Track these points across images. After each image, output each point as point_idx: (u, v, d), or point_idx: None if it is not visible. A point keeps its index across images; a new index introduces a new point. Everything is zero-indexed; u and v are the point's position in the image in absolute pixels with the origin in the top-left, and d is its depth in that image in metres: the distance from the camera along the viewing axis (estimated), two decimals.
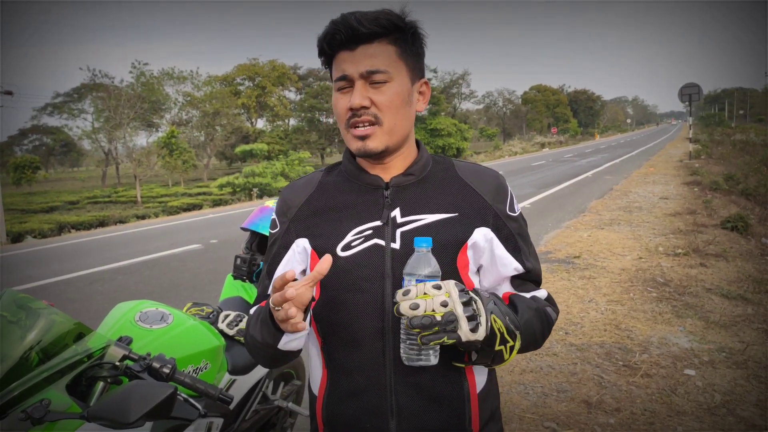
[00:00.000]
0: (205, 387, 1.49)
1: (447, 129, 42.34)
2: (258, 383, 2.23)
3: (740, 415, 3.06)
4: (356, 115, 1.08)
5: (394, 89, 1.09)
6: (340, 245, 1.12)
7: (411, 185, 1.16)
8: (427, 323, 0.93)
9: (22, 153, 52.54)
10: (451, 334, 0.95)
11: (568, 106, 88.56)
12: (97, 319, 1.79)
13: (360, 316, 1.10)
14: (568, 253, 7.14)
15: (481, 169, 1.22)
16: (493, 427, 1.19)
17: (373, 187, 1.16)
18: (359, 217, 1.14)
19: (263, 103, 48.16)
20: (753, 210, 10.01)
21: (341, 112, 1.11)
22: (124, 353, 1.46)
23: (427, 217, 1.13)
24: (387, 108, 1.08)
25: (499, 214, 1.17)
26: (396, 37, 1.09)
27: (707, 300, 5.02)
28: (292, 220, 1.19)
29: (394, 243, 1.11)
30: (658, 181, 15.73)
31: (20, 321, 1.42)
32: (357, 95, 1.07)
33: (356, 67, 1.07)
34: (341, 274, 1.11)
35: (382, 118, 1.08)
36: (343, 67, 1.08)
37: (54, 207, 28.18)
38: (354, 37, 1.06)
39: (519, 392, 3.43)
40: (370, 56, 1.07)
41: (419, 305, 0.94)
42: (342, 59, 1.09)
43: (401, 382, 1.10)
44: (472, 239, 1.13)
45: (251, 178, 24.54)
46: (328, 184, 1.21)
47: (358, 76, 1.07)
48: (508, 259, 1.17)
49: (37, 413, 1.20)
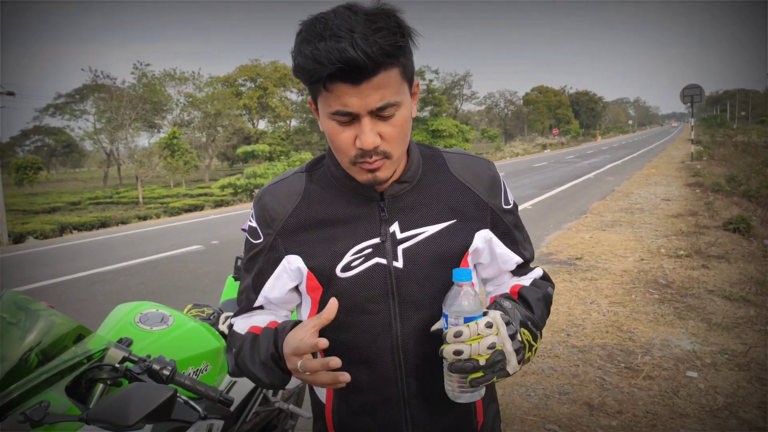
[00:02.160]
0: (206, 389, 1.48)
1: (448, 130, 42.38)
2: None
3: (743, 418, 3.04)
4: (366, 155, 0.97)
5: (403, 116, 0.98)
6: (339, 266, 1.07)
7: (406, 194, 1.09)
8: (468, 368, 0.92)
9: (24, 153, 52.67)
10: (500, 372, 0.94)
11: (569, 107, 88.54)
12: (98, 320, 1.78)
13: (369, 338, 1.07)
14: (570, 255, 7.13)
15: (472, 160, 1.16)
16: (494, 407, 1.21)
17: (367, 198, 1.08)
18: (356, 234, 1.07)
19: (265, 104, 48.17)
20: (755, 211, 9.99)
21: (344, 147, 0.98)
22: (124, 355, 1.45)
23: (427, 230, 1.08)
24: (396, 140, 0.98)
25: (495, 210, 1.14)
26: (399, 56, 0.94)
27: (709, 302, 5.01)
28: (278, 233, 1.10)
29: (396, 261, 1.07)
30: (659, 183, 15.71)
31: (20, 322, 1.42)
32: (369, 135, 0.94)
33: (364, 103, 0.92)
34: (344, 296, 1.06)
35: (392, 151, 0.99)
36: (345, 102, 0.93)
37: (56, 208, 28.21)
38: (356, 71, 0.89)
39: (520, 394, 3.42)
40: (377, 88, 0.92)
41: (463, 351, 0.91)
42: (342, 92, 0.92)
43: (414, 395, 1.09)
44: (473, 246, 1.11)
45: (253, 179, 24.53)
46: (315, 193, 1.11)
47: (366, 113, 0.94)
48: (508, 255, 1.17)
49: (37, 415, 1.19)
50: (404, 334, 1.06)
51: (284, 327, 1.05)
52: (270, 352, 1.04)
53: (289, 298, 1.17)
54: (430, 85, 45.23)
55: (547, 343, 4.20)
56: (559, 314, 4.83)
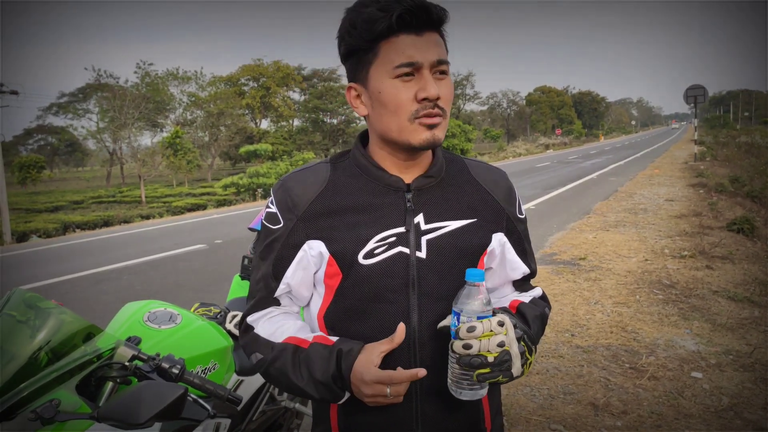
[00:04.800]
0: (215, 387, 1.49)
1: (451, 130, 42.30)
2: (265, 384, 2.22)
3: (748, 418, 3.04)
4: (429, 107, 1.00)
5: (450, 83, 1.04)
6: (362, 252, 1.06)
7: (431, 188, 1.11)
8: (476, 364, 0.93)
9: (27, 152, 52.75)
10: (506, 372, 0.96)
11: (572, 107, 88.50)
12: (102, 318, 1.79)
13: (386, 328, 1.05)
14: (574, 255, 7.12)
15: (491, 168, 1.20)
16: (498, 421, 1.21)
17: (394, 188, 1.09)
18: (381, 222, 1.07)
19: (267, 104, 48.21)
20: (759, 212, 9.97)
21: (405, 101, 1.01)
22: (133, 353, 1.45)
23: (450, 224, 1.09)
24: (448, 102, 1.03)
25: (511, 218, 1.17)
26: (443, 30, 1.05)
27: (714, 302, 5.00)
28: (300, 219, 1.09)
29: (420, 251, 1.07)
30: (663, 183, 15.69)
31: (29, 321, 1.42)
32: (433, 85, 0.99)
33: (426, 54, 0.99)
34: (364, 283, 1.06)
35: (446, 112, 1.03)
36: (410, 53, 0.98)
37: (59, 206, 28.30)
38: (426, 20, 0.98)
39: (525, 394, 3.42)
40: (436, 44, 1.01)
41: (472, 345, 0.93)
42: (405, 44, 0.98)
43: (427, 391, 1.08)
44: (491, 246, 1.13)
45: (255, 179, 24.56)
46: (340, 181, 1.11)
47: (428, 64, 0.99)
48: (518, 263, 1.19)
49: (47, 413, 1.19)
50: (421, 326, 1.06)
51: (350, 350, 1.03)
52: (331, 373, 1.03)
53: (308, 286, 1.15)
54: None
55: (551, 343, 4.20)
56: (564, 314, 4.83)
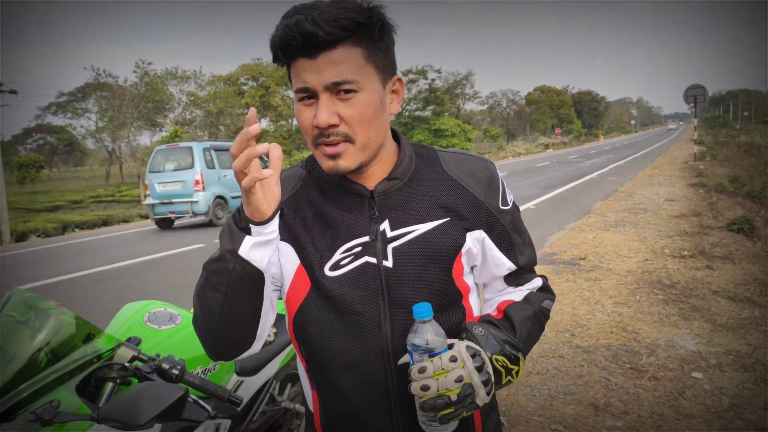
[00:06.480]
0: (215, 388, 1.48)
1: (451, 129, 42.34)
2: (265, 385, 2.22)
3: (748, 419, 3.04)
4: (323, 135, 0.95)
5: (365, 100, 0.95)
6: (328, 264, 1.03)
7: (397, 191, 1.06)
8: (440, 405, 0.91)
9: (26, 152, 52.77)
10: (471, 405, 0.93)
11: (572, 107, 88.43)
12: (101, 318, 1.78)
13: (357, 340, 1.03)
14: (574, 255, 7.11)
15: (469, 158, 1.12)
16: (493, 418, 1.17)
17: (359, 196, 1.05)
18: (346, 232, 1.04)
19: (267, 103, 48.14)
20: (759, 212, 9.97)
21: (306, 127, 0.97)
22: (133, 354, 1.45)
23: (418, 228, 1.04)
24: (358, 123, 0.95)
25: (491, 211, 1.09)
26: (361, 36, 0.94)
27: (714, 302, 5.00)
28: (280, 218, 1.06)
29: (386, 260, 1.03)
30: (663, 183, 15.69)
31: (29, 321, 1.42)
32: (323, 112, 0.93)
33: (319, 78, 0.92)
34: (332, 296, 1.03)
35: (354, 135, 0.95)
36: (304, 78, 0.94)
37: (58, 206, 28.27)
38: (312, 43, 0.91)
39: (525, 394, 3.42)
40: (333, 64, 0.92)
41: (430, 386, 0.90)
42: (301, 67, 0.94)
43: (404, 400, 1.04)
44: (466, 246, 1.07)
45: None
46: (309, 188, 1.08)
47: (323, 88, 0.93)
48: (501, 260, 1.13)
49: (47, 414, 1.19)
50: (394, 336, 1.03)
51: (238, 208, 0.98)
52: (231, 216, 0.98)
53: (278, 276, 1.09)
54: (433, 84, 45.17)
55: (551, 343, 4.19)
56: (564, 314, 4.82)
